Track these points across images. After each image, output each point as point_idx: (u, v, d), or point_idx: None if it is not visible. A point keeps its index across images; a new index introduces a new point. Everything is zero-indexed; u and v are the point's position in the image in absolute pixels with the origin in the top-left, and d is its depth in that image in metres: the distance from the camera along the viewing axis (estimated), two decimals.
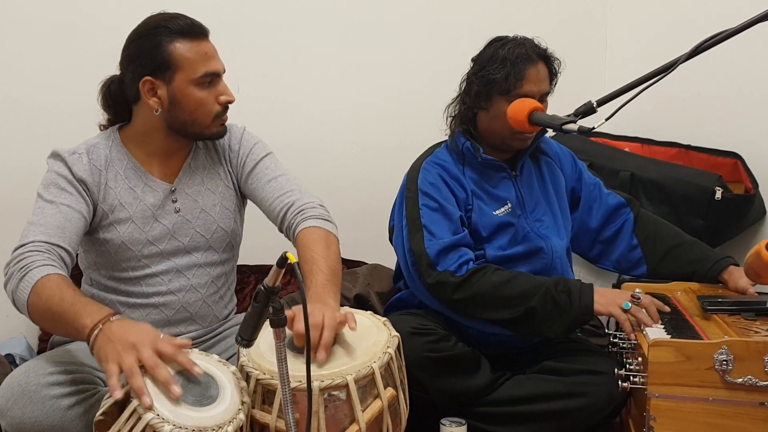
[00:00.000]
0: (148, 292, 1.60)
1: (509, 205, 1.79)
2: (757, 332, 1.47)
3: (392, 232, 1.83)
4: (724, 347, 1.37)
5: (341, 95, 2.51)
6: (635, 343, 1.56)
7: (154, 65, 1.52)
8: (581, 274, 2.32)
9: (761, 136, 2.26)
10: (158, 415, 1.14)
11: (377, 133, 2.53)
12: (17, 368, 1.40)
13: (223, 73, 1.60)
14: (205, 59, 1.55)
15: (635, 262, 1.91)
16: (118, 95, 1.61)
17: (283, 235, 1.69)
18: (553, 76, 1.75)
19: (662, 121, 2.44)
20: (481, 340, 1.75)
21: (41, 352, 2.06)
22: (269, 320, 1.15)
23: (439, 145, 1.87)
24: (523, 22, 2.48)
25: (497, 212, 1.77)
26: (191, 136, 1.61)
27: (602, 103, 1.68)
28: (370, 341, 1.38)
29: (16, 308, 1.40)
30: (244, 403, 1.26)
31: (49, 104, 2.27)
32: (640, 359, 1.49)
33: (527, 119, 1.65)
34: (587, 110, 1.68)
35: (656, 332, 1.50)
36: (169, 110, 1.55)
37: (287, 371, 1.15)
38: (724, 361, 1.37)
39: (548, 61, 1.74)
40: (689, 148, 2.37)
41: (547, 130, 1.77)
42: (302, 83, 2.47)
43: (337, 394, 1.28)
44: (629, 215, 1.93)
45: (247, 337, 1.18)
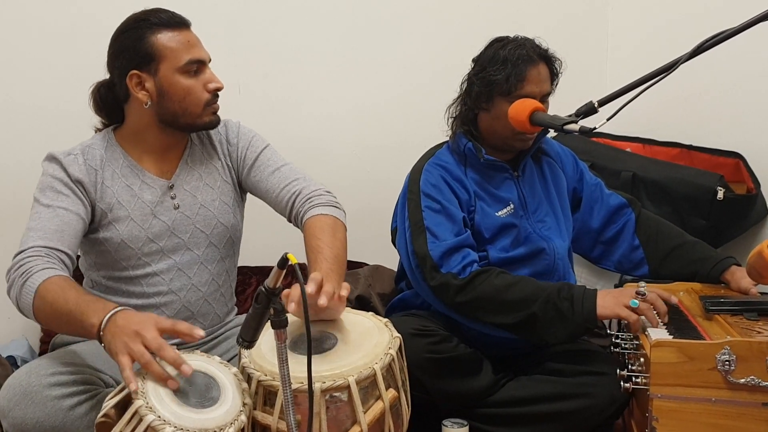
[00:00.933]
0: (149, 292, 1.60)
1: (512, 206, 1.78)
2: (759, 332, 1.46)
3: (395, 233, 1.82)
4: (726, 347, 1.37)
5: (341, 96, 2.51)
6: (637, 343, 1.55)
7: (138, 58, 1.54)
8: (583, 274, 2.31)
9: (763, 135, 2.26)
10: (160, 416, 1.14)
11: (377, 133, 2.53)
12: (19, 369, 1.40)
13: (208, 61, 1.61)
14: (188, 47, 1.56)
15: (637, 262, 1.91)
16: (108, 98, 1.63)
17: (291, 224, 1.70)
18: (554, 76, 1.75)
19: (664, 121, 2.44)
20: (483, 341, 1.74)
21: (43, 353, 2.06)
22: (270, 321, 1.15)
23: (440, 146, 1.86)
24: (523, 21, 2.48)
25: (499, 213, 1.77)
26: (184, 127, 1.61)
27: (603, 103, 1.68)
28: (371, 342, 1.38)
29: (21, 313, 1.41)
30: (245, 404, 1.26)
31: (48, 106, 2.28)
32: (642, 360, 1.48)
33: (528, 120, 1.65)
34: (588, 110, 1.67)
35: (658, 333, 1.50)
36: (158, 102, 1.56)
37: (289, 372, 1.15)
38: (726, 361, 1.36)
39: (549, 61, 1.73)
40: (691, 148, 2.37)
41: (548, 130, 1.76)
42: (302, 84, 2.47)
43: (338, 395, 1.28)
44: (631, 215, 1.93)
45: (248, 338, 1.19)
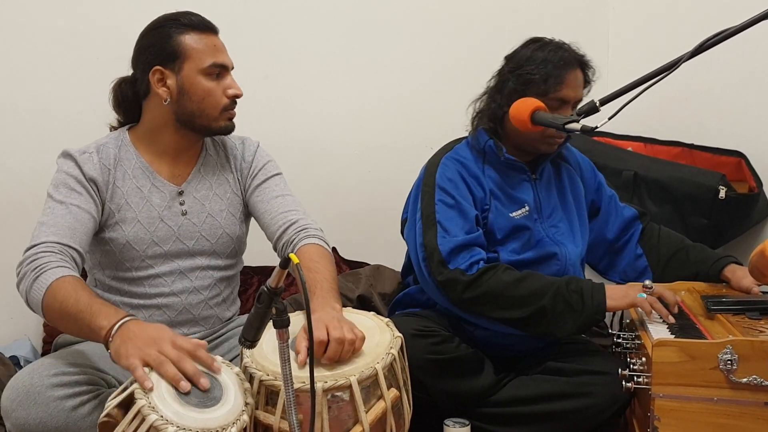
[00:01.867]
0: (151, 293, 1.61)
1: (527, 207, 1.77)
2: (761, 332, 1.46)
3: (404, 224, 1.81)
4: (728, 347, 1.37)
5: (342, 96, 2.51)
6: (639, 343, 1.55)
7: (164, 55, 1.57)
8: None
9: (765, 134, 2.26)
10: (162, 416, 1.14)
11: (378, 133, 2.53)
12: (22, 369, 1.41)
13: (231, 68, 1.64)
14: (213, 50, 1.60)
15: (641, 270, 1.92)
16: (128, 93, 1.65)
17: (274, 251, 1.70)
18: (586, 83, 1.74)
19: (665, 120, 2.44)
20: (485, 341, 1.74)
21: (45, 354, 2.06)
22: (272, 321, 1.15)
23: (459, 140, 1.84)
24: (523, 21, 2.49)
25: (514, 214, 1.75)
26: (199, 129, 1.63)
27: (605, 102, 1.67)
28: (373, 342, 1.39)
29: (29, 307, 1.42)
30: (247, 404, 1.26)
31: (53, 107, 2.28)
32: (644, 359, 1.48)
33: (529, 119, 1.64)
34: (590, 109, 1.67)
35: (660, 332, 1.50)
36: (177, 100, 1.58)
37: (291, 372, 1.15)
38: (728, 360, 1.36)
39: (585, 67, 1.73)
40: (692, 147, 2.36)
41: (571, 136, 1.75)
42: (303, 84, 2.47)
43: (340, 395, 1.28)
44: (639, 227, 1.95)
45: (250, 338, 1.19)
